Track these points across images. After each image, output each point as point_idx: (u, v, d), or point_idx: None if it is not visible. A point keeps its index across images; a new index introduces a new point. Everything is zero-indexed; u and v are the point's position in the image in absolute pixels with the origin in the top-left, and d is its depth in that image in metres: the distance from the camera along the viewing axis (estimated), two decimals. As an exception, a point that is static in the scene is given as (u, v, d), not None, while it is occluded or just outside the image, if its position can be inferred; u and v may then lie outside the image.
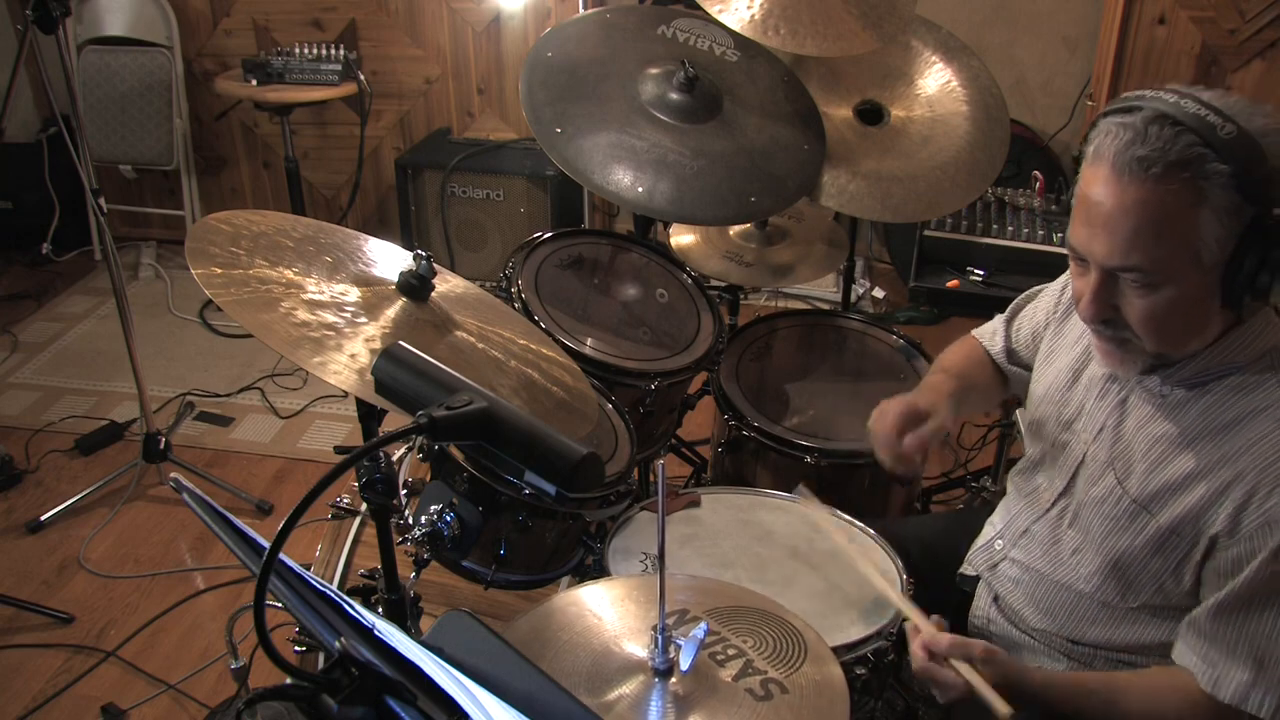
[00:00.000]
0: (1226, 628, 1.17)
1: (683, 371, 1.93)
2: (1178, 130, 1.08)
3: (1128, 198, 1.10)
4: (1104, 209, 1.12)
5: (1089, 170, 1.15)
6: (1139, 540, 1.25)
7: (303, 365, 1.19)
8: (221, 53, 4.07)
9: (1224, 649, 1.17)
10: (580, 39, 2.09)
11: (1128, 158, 1.09)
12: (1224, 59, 3.07)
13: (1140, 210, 1.10)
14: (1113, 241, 1.12)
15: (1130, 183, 1.09)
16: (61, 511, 2.73)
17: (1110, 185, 1.11)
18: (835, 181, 2.06)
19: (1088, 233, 1.15)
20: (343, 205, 4.18)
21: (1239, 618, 1.16)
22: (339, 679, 0.79)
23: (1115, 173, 1.10)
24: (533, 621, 1.16)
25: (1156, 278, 1.12)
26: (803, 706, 1.05)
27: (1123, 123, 1.11)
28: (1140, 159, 1.08)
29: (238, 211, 1.41)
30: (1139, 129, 1.09)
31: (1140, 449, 1.26)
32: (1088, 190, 1.15)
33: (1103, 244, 1.14)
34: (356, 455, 0.97)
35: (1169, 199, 1.08)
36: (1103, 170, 1.12)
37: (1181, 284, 1.13)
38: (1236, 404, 1.19)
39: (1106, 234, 1.13)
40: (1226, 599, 1.17)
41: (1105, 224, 1.12)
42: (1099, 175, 1.13)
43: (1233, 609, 1.17)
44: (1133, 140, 1.09)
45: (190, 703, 2.17)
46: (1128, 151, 1.09)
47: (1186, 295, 1.14)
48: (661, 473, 1.00)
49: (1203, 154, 1.07)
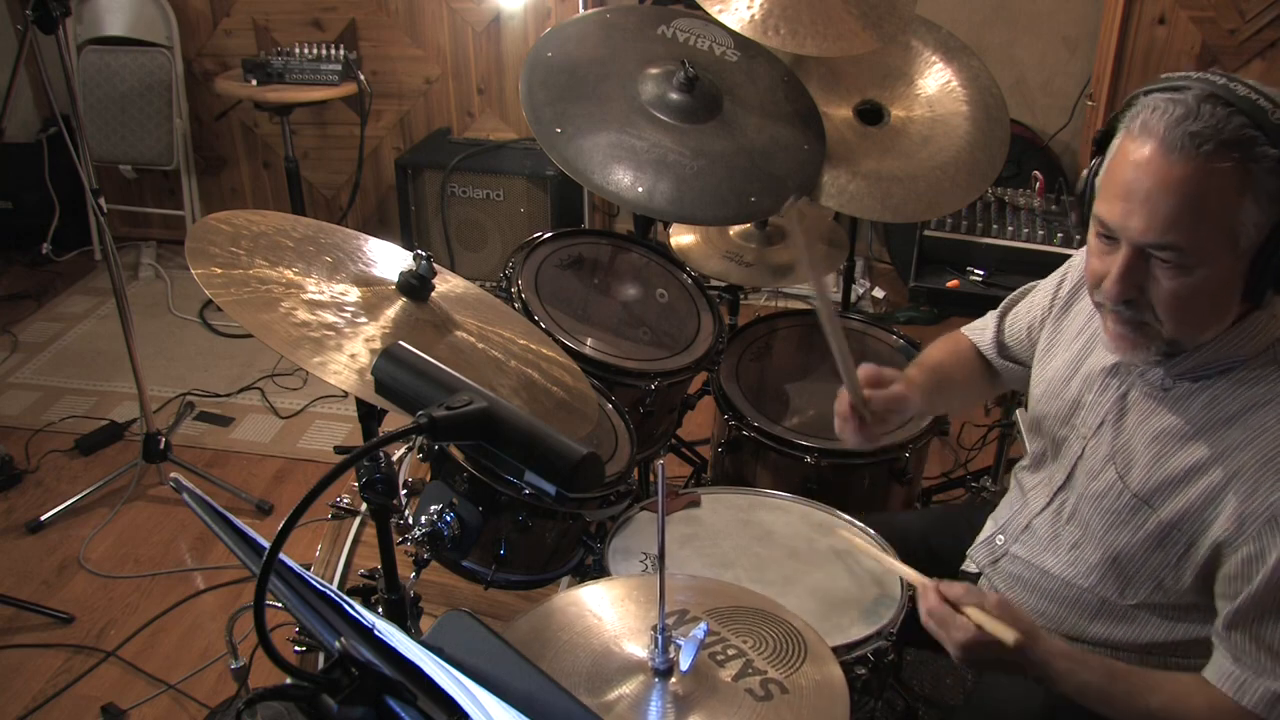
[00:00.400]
0: (1246, 635, 1.16)
1: (683, 371, 1.93)
2: (1230, 110, 1.06)
3: (1174, 173, 1.07)
4: (1146, 184, 1.09)
5: (1131, 144, 1.11)
6: (1139, 535, 1.25)
7: (303, 365, 1.19)
8: (221, 53, 4.07)
9: (1247, 656, 1.16)
10: (580, 39, 2.09)
11: (1179, 133, 1.06)
12: (1224, 59, 3.07)
13: (1186, 187, 1.07)
14: (1152, 217, 1.09)
15: (1180, 159, 1.07)
16: (61, 511, 2.73)
17: (1156, 160, 1.08)
18: (835, 181, 2.06)
19: (1125, 207, 1.12)
20: (343, 205, 4.18)
21: (1258, 624, 1.15)
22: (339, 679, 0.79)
23: (1164, 148, 1.08)
24: (533, 621, 1.16)
25: (1191, 259, 1.10)
26: (803, 707, 1.05)
27: (1174, 99, 1.09)
28: (1193, 134, 1.06)
29: (238, 211, 1.41)
30: (1191, 106, 1.07)
31: (1141, 443, 1.26)
32: (1128, 164, 1.11)
33: (1141, 219, 1.10)
34: (356, 455, 0.97)
35: (1216, 179, 1.06)
36: (1150, 144, 1.09)
37: (1213, 268, 1.10)
38: (1239, 397, 1.18)
39: (1146, 209, 1.10)
40: (1244, 605, 1.16)
41: (1146, 199, 1.09)
42: (1144, 150, 1.09)
43: (1252, 615, 1.15)
44: (1184, 116, 1.07)
45: (190, 703, 2.17)
46: (1179, 127, 1.06)
47: (1215, 280, 1.12)
48: (661, 473, 1.00)
49: (1254, 136, 1.05)
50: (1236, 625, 1.17)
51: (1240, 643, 1.17)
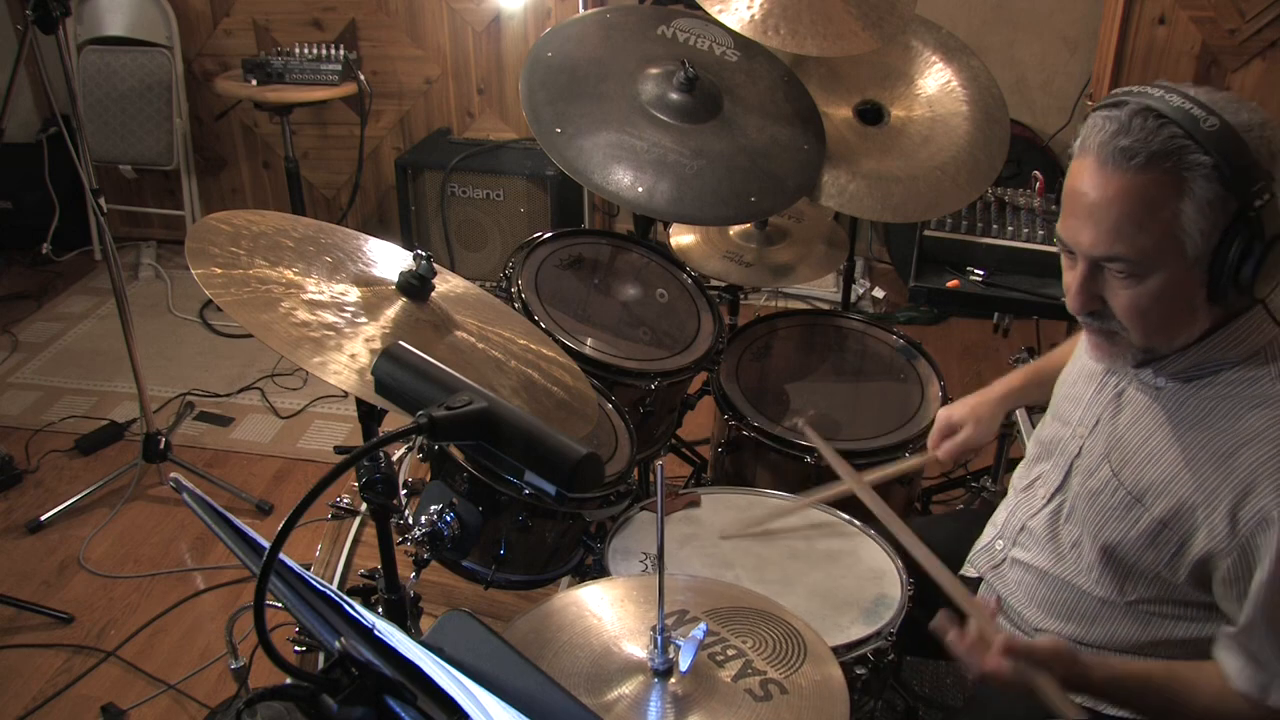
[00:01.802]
0: (1257, 641, 1.16)
1: (683, 371, 1.93)
2: (1161, 122, 1.10)
3: (1111, 188, 1.12)
4: (1089, 199, 1.14)
5: (1076, 163, 1.17)
6: (1133, 532, 1.25)
7: (303, 365, 1.19)
8: (221, 53, 4.07)
9: (1266, 660, 1.16)
10: (580, 39, 2.09)
11: (1111, 149, 1.11)
12: (1224, 59, 3.06)
13: (1123, 200, 1.11)
14: (1097, 231, 1.14)
15: (1114, 173, 1.12)
16: (61, 511, 2.73)
17: (1095, 176, 1.13)
18: (835, 181, 2.06)
19: (1074, 224, 1.17)
20: (343, 205, 4.18)
21: (1267, 628, 1.15)
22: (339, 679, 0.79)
23: (1099, 163, 1.13)
24: (533, 621, 1.16)
25: (1140, 268, 1.14)
26: (802, 707, 1.05)
27: (1109, 116, 1.13)
28: (1123, 149, 1.11)
29: (238, 211, 1.40)
30: (1123, 121, 1.11)
31: (1135, 441, 1.27)
32: (1074, 182, 1.17)
33: (1088, 234, 1.15)
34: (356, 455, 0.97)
35: (1151, 189, 1.10)
36: (1088, 161, 1.14)
37: (1165, 275, 1.14)
38: (1230, 397, 1.19)
39: (1091, 224, 1.15)
40: (1251, 614, 1.15)
41: (1090, 214, 1.14)
42: (1085, 167, 1.15)
43: (1259, 620, 1.15)
44: (1117, 132, 1.11)
45: (190, 703, 2.17)
46: (1111, 143, 1.11)
47: (1171, 287, 1.15)
48: (661, 473, 1.00)
49: (1185, 145, 1.09)
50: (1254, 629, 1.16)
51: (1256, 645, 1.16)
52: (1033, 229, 2.41)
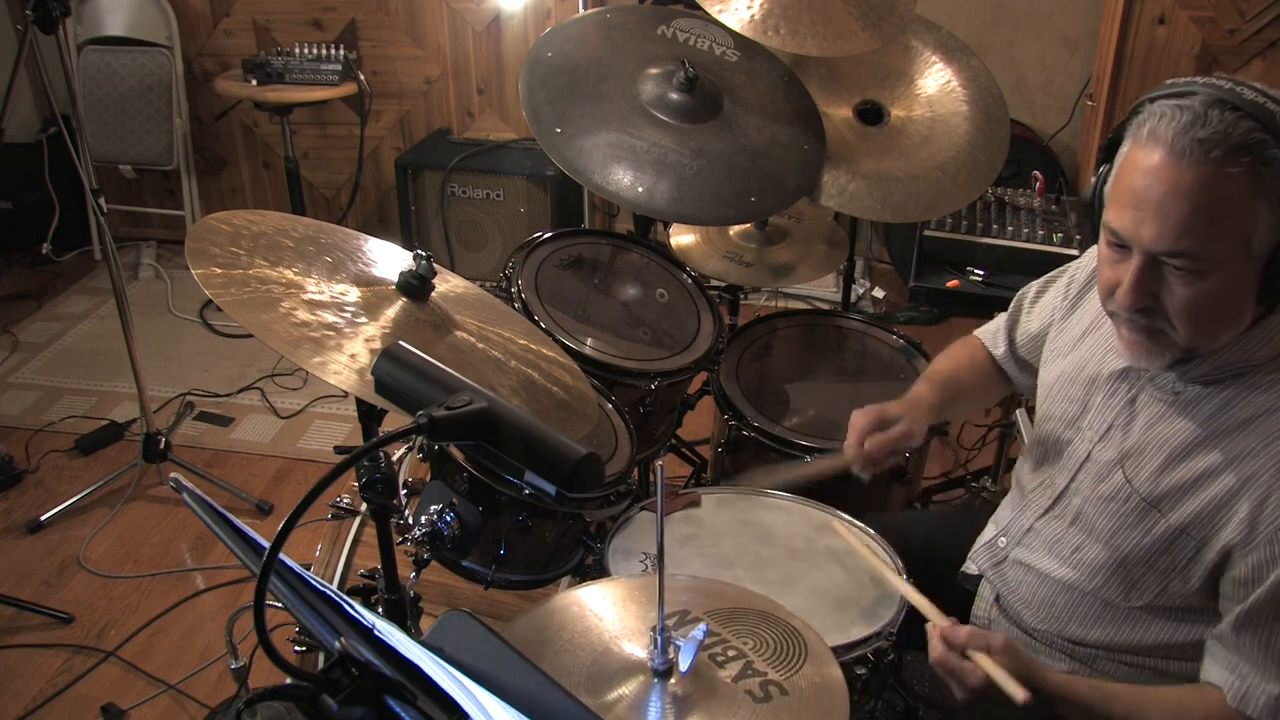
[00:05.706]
0: (1252, 640, 1.16)
1: (683, 371, 1.93)
2: (1238, 115, 1.06)
3: (1185, 180, 1.07)
4: (1157, 191, 1.09)
5: (1139, 153, 1.11)
6: (1147, 539, 1.24)
7: (303, 365, 1.19)
8: (221, 53, 4.07)
9: (1250, 662, 1.16)
10: (580, 39, 2.09)
11: (1188, 140, 1.06)
12: (1224, 59, 3.07)
13: (1197, 194, 1.07)
14: (1165, 225, 1.09)
15: (1189, 165, 1.06)
16: (61, 511, 2.73)
17: (1166, 168, 1.08)
18: (835, 181, 2.06)
19: (1136, 216, 1.11)
20: (343, 205, 4.18)
21: (1264, 629, 1.15)
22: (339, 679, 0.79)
23: (1173, 155, 1.07)
24: (533, 621, 1.16)
25: (1205, 265, 1.09)
26: (802, 708, 1.05)
27: (1181, 105, 1.08)
28: (1201, 141, 1.06)
29: (238, 211, 1.40)
30: (1198, 112, 1.07)
31: (1151, 447, 1.25)
32: (1137, 172, 1.11)
33: (1153, 227, 1.10)
34: (356, 455, 0.97)
35: (1227, 184, 1.06)
36: (1158, 153, 1.09)
37: (1228, 273, 1.10)
38: (1252, 402, 1.17)
39: (1158, 217, 1.09)
40: (1250, 610, 1.15)
41: (1158, 207, 1.09)
42: (1153, 157, 1.09)
43: (1257, 620, 1.15)
44: (1192, 122, 1.06)
45: (190, 703, 2.17)
46: (1187, 134, 1.06)
47: (1230, 285, 1.11)
48: (661, 473, 1.00)
49: (1263, 139, 1.05)
50: (1246, 627, 1.16)
51: (1248, 646, 1.16)
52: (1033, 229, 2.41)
